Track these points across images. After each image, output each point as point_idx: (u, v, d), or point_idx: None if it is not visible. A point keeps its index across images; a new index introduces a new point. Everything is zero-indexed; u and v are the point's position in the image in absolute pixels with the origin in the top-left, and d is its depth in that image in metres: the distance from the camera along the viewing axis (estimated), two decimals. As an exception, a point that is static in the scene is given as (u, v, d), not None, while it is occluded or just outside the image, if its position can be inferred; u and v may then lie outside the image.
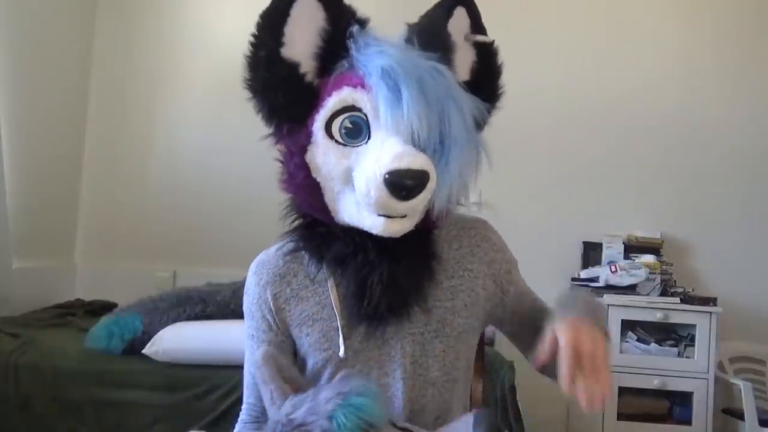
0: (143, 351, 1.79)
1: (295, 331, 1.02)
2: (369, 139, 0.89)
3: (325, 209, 0.94)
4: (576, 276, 2.72)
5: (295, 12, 0.91)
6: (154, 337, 1.81)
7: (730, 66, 2.90)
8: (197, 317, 1.95)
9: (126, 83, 2.92)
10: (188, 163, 2.87)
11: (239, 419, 1.04)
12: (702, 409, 2.36)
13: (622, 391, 2.40)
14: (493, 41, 1.03)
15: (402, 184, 0.83)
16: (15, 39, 2.37)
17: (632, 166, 2.87)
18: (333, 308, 0.98)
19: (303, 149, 0.92)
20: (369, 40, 0.91)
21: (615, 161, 2.87)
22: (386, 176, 0.83)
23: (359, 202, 0.89)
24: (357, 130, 0.89)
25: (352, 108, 0.89)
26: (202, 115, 2.89)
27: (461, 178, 0.91)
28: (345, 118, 0.89)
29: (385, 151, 0.85)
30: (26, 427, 1.73)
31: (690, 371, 2.38)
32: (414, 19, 1.01)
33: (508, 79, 1.03)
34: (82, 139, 2.89)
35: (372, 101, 0.88)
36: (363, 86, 0.88)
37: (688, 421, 2.38)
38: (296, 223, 1.00)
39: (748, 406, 2.28)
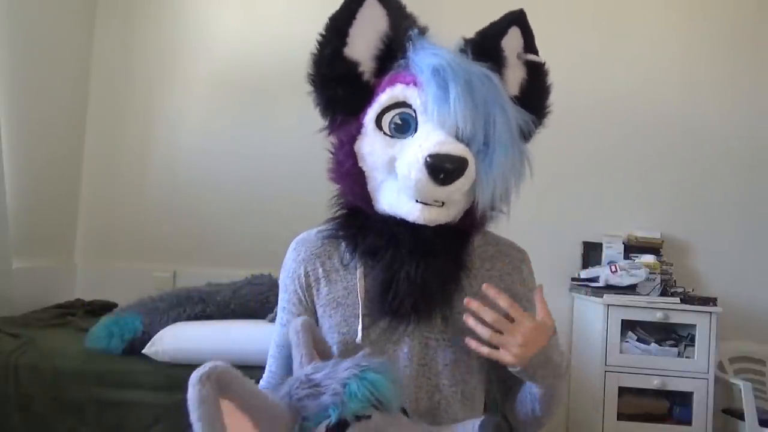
0: (143, 351, 1.78)
1: (319, 310, 1.06)
2: (415, 132, 0.94)
3: (367, 198, 0.99)
4: (576, 276, 2.72)
5: (362, 15, 0.99)
6: (154, 337, 1.80)
7: (729, 66, 2.90)
8: (197, 317, 1.95)
9: (126, 83, 2.91)
10: (188, 164, 2.87)
11: (258, 385, 1.06)
12: (702, 409, 2.36)
13: (622, 391, 2.40)
14: (545, 63, 1.10)
15: (441, 167, 0.88)
16: (15, 39, 2.37)
17: (632, 166, 2.87)
18: (358, 296, 1.02)
19: (353, 139, 0.97)
20: (425, 44, 0.97)
21: (615, 161, 2.87)
22: (427, 159, 0.88)
23: (399, 188, 0.94)
24: (406, 126, 0.95)
25: (402, 104, 0.95)
26: (202, 115, 2.89)
27: (504, 182, 0.95)
28: (396, 114, 0.95)
29: (428, 139, 0.90)
30: (26, 427, 1.72)
31: (690, 371, 2.38)
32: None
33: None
34: (82, 139, 2.88)
35: (422, 97, 0.93)
36: (415, 84, 0.94)
37: (688, 421, 2.38)
38: (339, 212, 1.05)
39: (748, 406, 2.28)
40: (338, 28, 0.98)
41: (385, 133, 0.95)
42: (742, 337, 2.70)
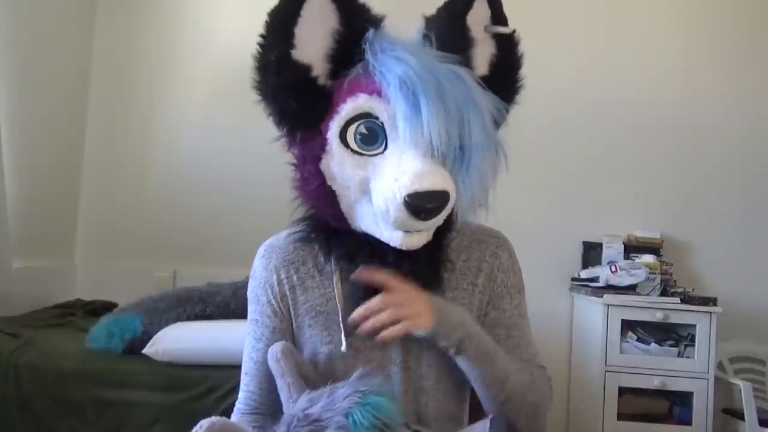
0: (143, 351, 1.78)
1: (297, 319, 1.01)
2: (386, 147, 0.86)
3: (341, 217, 0.92)
4: (576, 276, 2.72)
5: (306, 12, 0.86)
6: (154, 337, 1.80)
7: (730, 67, 2.90)
8: (197, 317, 1.95)
9: (126, 83, 2.91)
10: (188, 163, 2.87)
11: (235, 408, 1.03)
12: (702, 409, 2.36)
13: (622, 391, 2.40)
14: (514, 31, 1.00)
15: (423, 207, 0.81)
16: (15, 39, 2.37)
17: (632, 166, 2.87)
18: (337, 303, 0.97)
19: (317, 158, 0.89)
20: (384, 44, 0.87)
21: (615, 161, 2.87)
22: (406, 198, 0.80)
23: (377, 217, 0.86)
24: (373, 137, 0.86)
25: (368, 115, 0.86)
26: (202, 114, 2.89)
27: (482, 182, 0.89)
28: (360, 123, 0.86)
29: (404, 169, 0.82)
30: (26, 427, 1.72)
31: (690, 371, 2.38)
32: (424, 8, 0.98)
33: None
34: (82, 139, 2.88)
35: (389, 111, 0.85)
36: (379, 94, 0.85)
37: (688, 421, 2.38)
38: (309, 212, 0.98)
39: (748, 406, 2.28)
40: (282, 28, 0.86)
41: (352, 150, 0.86)
42: (742, 337, 2.70)
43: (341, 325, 0.96)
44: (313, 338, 0.99)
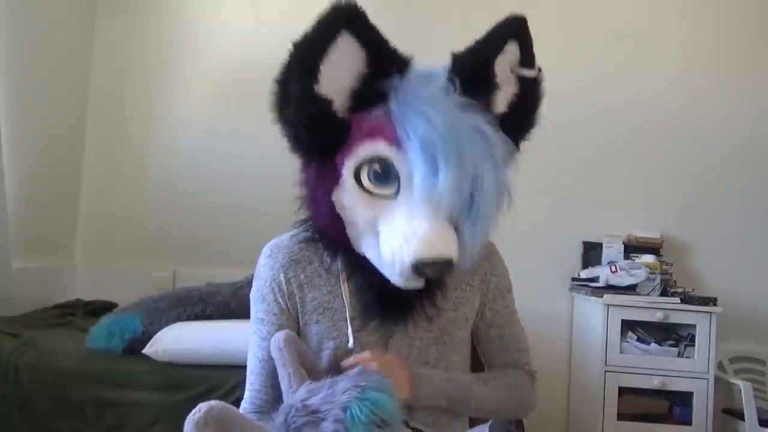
0: (143, 351, 1.78)
1: (305, 317, 1.03)
2: (398, 191, 0.88)
3: (346, 239, 0.95)
4: (576, 276, 2.72)
5: (334, 51, 0.86)
6: (154, 337, 1.80)
7: (730, 67, 2.90)
8: (197, 317, 1.95)
9: (126, 83, 2.91)
10: (188, 164, 2.87)
11: (241, 407, 1.04)
12: (702, 409, 2.36)
13: (622, 391, 2.40)
14: (540, 71, 1.00)
15: (427, 273, 0.85)
16: (15, 39, 2.37)
17: (632, 166, 2.87)
18: (344, 300, 1.00)
19: (330, 188, 0.91)
20: (410, 95, 0.87)
21: (615, 162, 2.87)
22: (413, 262, 0.84)
23: (381, 259, 0.89)
24: (386, 176, 0.88)
25: (384, 160, 0.88)
26: (202, 115, 2.89)
27: (488, 227, 0.91)
28: (377, 164, 0.88)
29: (413, 230, 0.84)
30: (26, 427, 1.72)
31: (690, 371, 2.38)
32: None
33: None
34: (82, 139, 2.88)
35: (407, 165, 0.86)
36: (399, 145, 0.86)
37: (688, 421, 2.38)
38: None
39: (748, 406, 2.28)
40: (307, 62, 0.86)
41: (365, 189, 0.88)
42: (742, 337, 2.70)
43: (348, 321, 0.99)
44: (319, 334, 1.02)
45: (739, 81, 2.90)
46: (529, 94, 1.00)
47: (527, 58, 1.00)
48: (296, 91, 0.86)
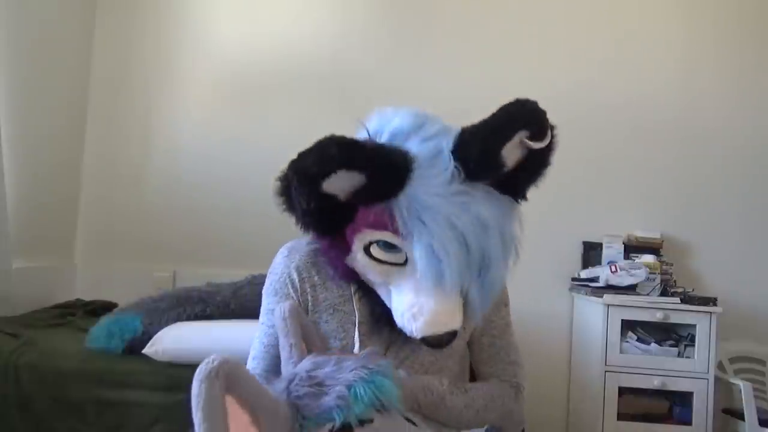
0: (143, 351, 1.78)
1: (315, 315, 1.06)
2: (407, 260, 0.93)
3: (361, 280, 1.02)
4: (576, 276, 2.72)
5: (334, 178, 0.88)
6: (154, 337, 1.80)
7: (730, 67, 2.90)
8: (197, 317, 1.95)
9: (126, 84, 2.92)
10: (188, 164, 2.87)
11: None
12: (702, 409, 2.36)
13: (622, 391, 2.40)
14: (552, 138, 0.98)
15: (433, 344, 0.93)
16: (15, 39, 2.37)
17: (632, 166, 2.87)
18: (353, 303, 1.04)
19: (342, 255, 0.98)
20: (415, 190, 0.89)
21: (615, 162, 2.87)
22: (420, 337, 0.91)
23: (393, 310, 0.96)
24: (396, 246, 0.93)
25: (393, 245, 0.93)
26: (202, 116, 2.89)
27: (497, 292, 0.98)
28: (385, 242, 0.93)
29: (420, 307, 0.90)
30: (26, 427, 1.72)
31: (690, 371, 2.38)
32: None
33: (510, 82, 1.01)
34: (82, 139, 2.89)
35: (412, 257, 0.90)
36: (405, 237, 0.90)
37: (688, 421, 2.38)
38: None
39: (748, 406, 2.28)
40: (309, 183, 0.88)
41: (376, 259, 0.94)
42: (742, 337, 2.70)
43: (356, 325, 1.03)
44: (327, 333, 1.05)
45: (739, 81, 2.90)
46: (539, 156, 0.98)
47: (539, 133, 0.96)
48: (302, 197, 0.90)
